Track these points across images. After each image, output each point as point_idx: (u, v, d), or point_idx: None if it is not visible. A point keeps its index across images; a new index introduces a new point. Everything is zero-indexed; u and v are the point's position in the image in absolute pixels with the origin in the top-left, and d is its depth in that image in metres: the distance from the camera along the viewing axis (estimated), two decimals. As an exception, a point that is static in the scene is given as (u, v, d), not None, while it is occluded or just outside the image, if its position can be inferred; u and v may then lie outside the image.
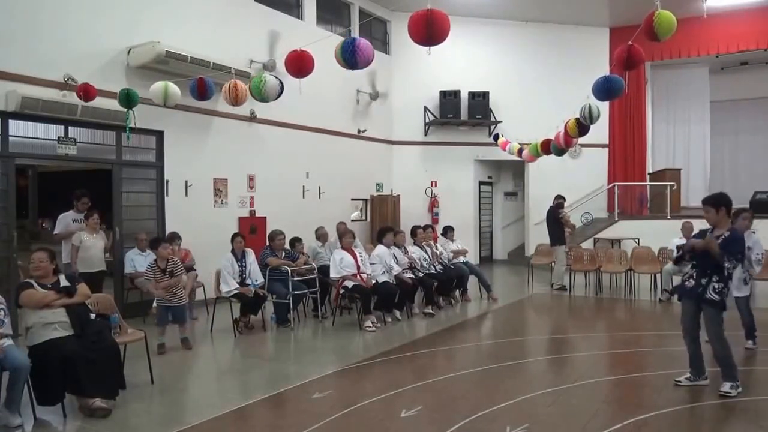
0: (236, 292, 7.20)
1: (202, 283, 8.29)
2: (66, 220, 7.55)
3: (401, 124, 14.40)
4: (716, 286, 4.69)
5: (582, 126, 7.60)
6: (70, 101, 7.20)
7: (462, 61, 14.14)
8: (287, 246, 8.11)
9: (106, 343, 4.60)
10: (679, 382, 4.95)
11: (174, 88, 6.64)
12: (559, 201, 10.99)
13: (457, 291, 9.47)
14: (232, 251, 7.43)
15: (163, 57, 7.88)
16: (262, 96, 6.16)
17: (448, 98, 14.13)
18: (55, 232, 7.63)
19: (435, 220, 13.70)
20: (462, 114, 14.22)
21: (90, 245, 7.32)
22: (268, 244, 7.98)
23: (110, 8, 7.98)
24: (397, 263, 8.11)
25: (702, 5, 11.97)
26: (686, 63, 15.38)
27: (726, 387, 4.66)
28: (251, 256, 7.55)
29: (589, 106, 7.15)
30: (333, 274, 7.70)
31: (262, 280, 7.49)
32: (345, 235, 8.00)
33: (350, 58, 4.91)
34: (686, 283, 4.92)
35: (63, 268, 6.49)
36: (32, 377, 4.27)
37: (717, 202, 4.82)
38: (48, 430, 4.29)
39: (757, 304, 9.02)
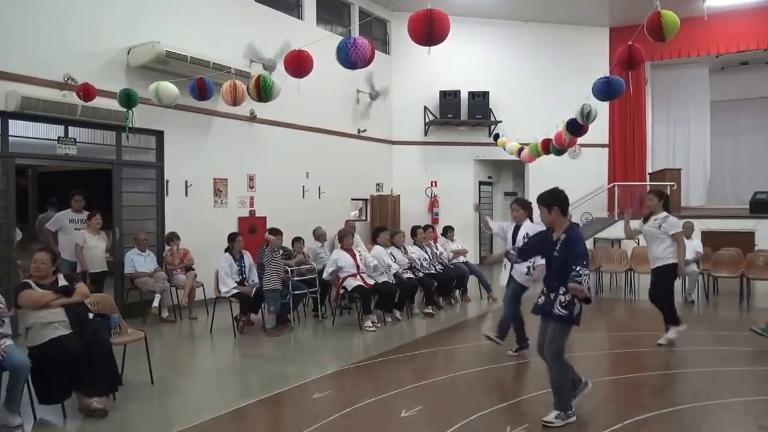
0: (235, 291, 7.23)
1: (202, 282, 8.28)
2: (63, 219, 7.58)
3: (401, 124, 14.40)
4: (563, 300, 4.09)
5: (578, 126, 7.60)
6: (70, 101, 7.19)
7: (462, 61, 14.14)
8: (288, 245, 8.13)
9: (103, 344, 4.59)
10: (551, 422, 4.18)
11: (166, 87, 6.59)
12: None
13: (457, 291, 9.47)
14: (230, 251, 7.44)
15: (163, 57, 7.87)
16: (271, 96, 6.12)
17: (448, 98, 14.13)
18: (47, 225, 7.68)
19: (435, 220, 13.70)
20: (462, 114, 14.22)
21: (92, 246, 7.44)
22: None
23: (110, 8, 7.98)
24: (395, 263, 8.11)
25: (702, 5, 11.96)
26: (686, 63, 15.38)
27: (551, 416, 4.09)
28: (248, 257, 7.59)
29: (588, 106, 7.14)
30: (324, 275, 7.74)
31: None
32: (346, 236, 7.97)
33: (348, 57, 4.90)
34: (539, 299, 4.36)
35: (65, 265, 6.52)
36: (35, 377, 4.27)
37: (547, 200, 4.26)
38: (48, 430, 4.29)
39: (757, 304, 9.06)
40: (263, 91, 6.03)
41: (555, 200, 4.23)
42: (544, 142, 9.39)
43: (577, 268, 3.96)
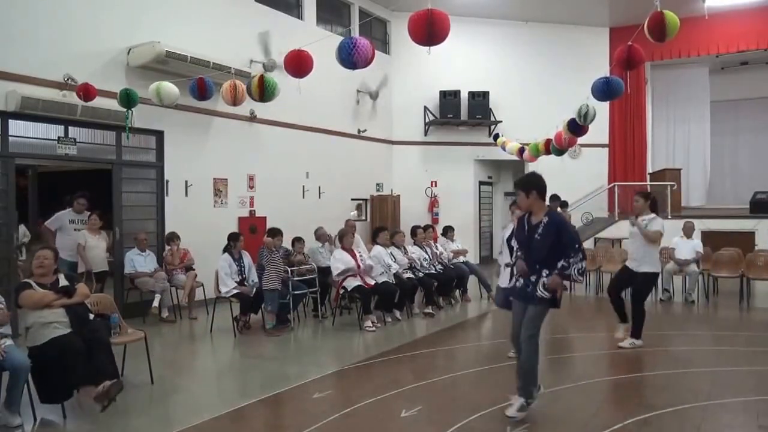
0: (236, 291, 7.23)
1: (202, 282, 8.29)
2: (63, 219, 7.59)
3: (401, 124, 14.40)
4: (546, 282, 4.10)
5: (578, 126, 7.60)
6: (70, 101, 7.19)
7: (462, 61, 14.14)
8: (288, 246, 8.13)
9: (102, 343, 4.58)
10: (513, 417, 4.14)
11: (167, 87, 6.60)
12: (554, 202, 10.95)
13: (457, 291, 9.47)
14: (229, 252, 7.44)
15: (163, 57, 7.88)
16: (273, 96, 6.12)
17: (448, 98, 14.14)
18: (46, 223, 7.70)
19: (435, 220, 13.70)
20: (462, 114, 14.23)
21: (93, 246, 7.48)
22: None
23: (110, 8, 7.98)
24: (395, 263, 8.11)
25: (702, 5, 11.97)
26: (686, 63, 15.39)
27: (514, 408, 4.10)
28: (248, 257, 7.59)
29: (586, 106, 7.15)
30: (334, 275, 7.68)
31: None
32: (345, 236, 7.97)
33: (349, 58, 4.90)
34: (516, 282, 4.33)
35: (63, 265, 6.51)
36: (35, 376, 4.27)
37: (526, 184, 4.23)
38: (48, 430, 4.29)
39: (757, 304, 9.06)
40: (266, 91, 6.04)
41: (533, 184, 4.21)
42: (546, 142, 9.40)
43: (563, 261, 4.02)
